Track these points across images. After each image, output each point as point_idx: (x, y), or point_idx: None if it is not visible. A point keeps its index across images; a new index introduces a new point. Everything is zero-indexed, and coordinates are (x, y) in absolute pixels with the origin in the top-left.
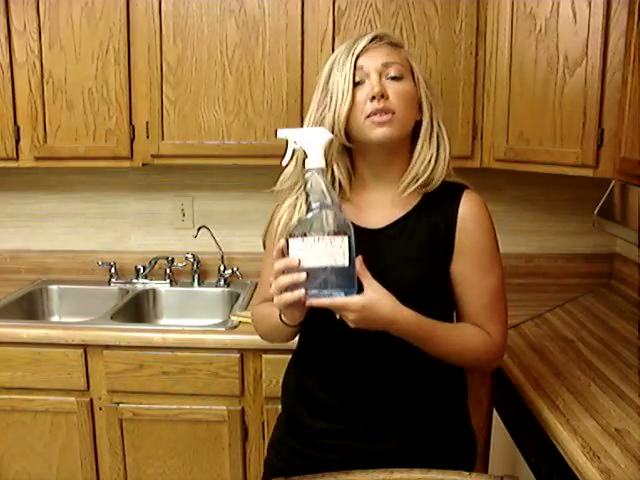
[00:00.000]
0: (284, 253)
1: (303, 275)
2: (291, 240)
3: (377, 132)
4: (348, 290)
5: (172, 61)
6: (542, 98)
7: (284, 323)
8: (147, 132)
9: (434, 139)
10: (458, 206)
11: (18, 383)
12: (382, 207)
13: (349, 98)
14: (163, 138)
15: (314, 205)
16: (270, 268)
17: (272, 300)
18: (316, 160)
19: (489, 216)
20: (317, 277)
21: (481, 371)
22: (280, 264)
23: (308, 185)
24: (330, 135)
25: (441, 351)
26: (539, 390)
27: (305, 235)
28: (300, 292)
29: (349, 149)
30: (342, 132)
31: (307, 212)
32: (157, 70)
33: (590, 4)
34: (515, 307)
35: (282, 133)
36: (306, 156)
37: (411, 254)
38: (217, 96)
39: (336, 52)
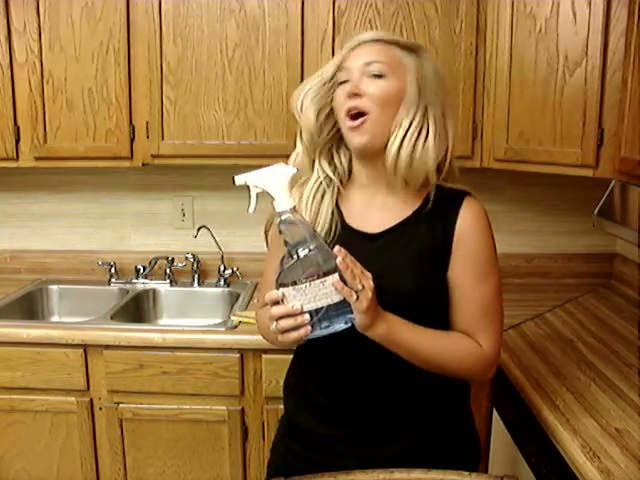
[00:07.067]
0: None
1: (307, 318)
2: (283, 289)
3: (354, 139)
4: (347, 318)
5: (172, 61)
6: (542, 98)
7: None
8: (147, 132)
9: (422, 137)
10: (457, 216)
11: (18, 383)
12: (379, 209)
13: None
14: (163, 138)
15: (297, 250)
16: (272, 271)
17: None
18: (284, 202)
19: (488, 226)
20: (316, 315)
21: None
22: (280, 310)
23: (283, 229)
24: (292, 170)
25: (426, 359)
26: (539, 390)
27: (295, 283)
28: (306, 330)
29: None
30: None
31: (290, 257)
32: (157, 70)
33: (590, 4)
34: (515, 307)
35: (240, 179)
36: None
37: (409, 261)
38: (217, 96)
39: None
